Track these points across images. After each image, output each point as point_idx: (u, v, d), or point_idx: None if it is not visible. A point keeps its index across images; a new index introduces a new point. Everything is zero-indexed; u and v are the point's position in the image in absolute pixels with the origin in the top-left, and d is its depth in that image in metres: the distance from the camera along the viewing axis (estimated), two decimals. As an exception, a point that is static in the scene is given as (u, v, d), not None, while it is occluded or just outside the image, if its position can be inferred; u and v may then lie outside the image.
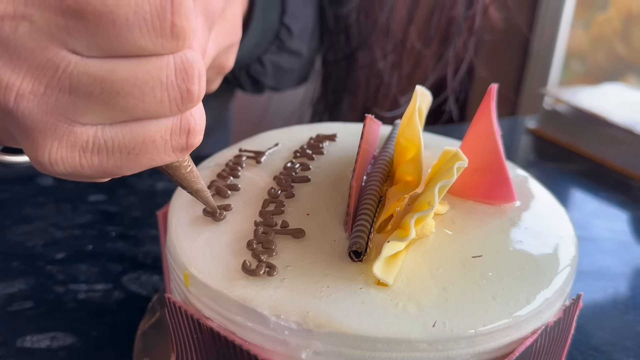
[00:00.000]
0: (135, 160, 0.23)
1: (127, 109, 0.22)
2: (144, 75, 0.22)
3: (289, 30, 0.53)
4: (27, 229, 0.45)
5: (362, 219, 0.26)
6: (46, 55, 0.21)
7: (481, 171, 0.30)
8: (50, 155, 0.22)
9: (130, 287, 0.39)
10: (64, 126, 0.22)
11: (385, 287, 0.24)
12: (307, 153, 0.34)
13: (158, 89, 0.22)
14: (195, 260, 0.25)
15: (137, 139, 0.23)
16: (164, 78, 0.22)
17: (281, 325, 0.22)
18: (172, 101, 0.22)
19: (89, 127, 0.22)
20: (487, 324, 0.23)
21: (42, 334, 0.35)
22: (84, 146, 0.22)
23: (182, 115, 0.23)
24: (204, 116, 0.25)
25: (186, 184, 0.27)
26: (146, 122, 0.23)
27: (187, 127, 0.24)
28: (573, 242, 0.29)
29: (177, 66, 0.22)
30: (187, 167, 0.26)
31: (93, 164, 0.23)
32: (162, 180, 0.54)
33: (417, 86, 0.30)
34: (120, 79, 0.21)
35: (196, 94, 0.23)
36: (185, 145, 0.24)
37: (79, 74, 0.21)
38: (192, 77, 0.22)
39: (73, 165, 0.23)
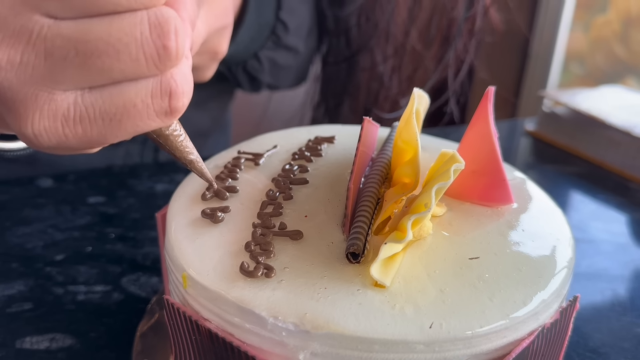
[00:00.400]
0: (119, 127, 0.23)
1: (104, 70, 0.22)
2: (117, 32, 0.21)
3: (285, 25, 0.53)
4: (26, 231, 0.45)
5: (360, 220, 0.27)
6: (19, 22, 0.21)
7: (478, 173, 0.30)
8: (34, 127, 0.22)
9: (129, 289, 0.39)
10: (43, 95, 0.22)
11: (382, 289, 0.24)
12: (305, 155, 0.34)
13: (133, 46, 0.21)
14: (193, 262, 0.26)
15: (118, 104, 0.22)
16: (139, 34, 0.21)
17: (279, 327, 0.23)
18: (149, 59, 0.22)
19: (68, 93, 0.22)
20: (483, 325, 0.23)
21: (42, 335, 0.35)
22: (65, 114, 0.22)
23: (162, 76, 0.23)
24: (187, 79, 0.24)
25: (179, 154, 0.26)
26: (125, 85, 0.22)
27: (168, 88, 0.23)
28: (570, 243, 0.29)
29: (152, 22, 0.22)
30: (178, 137, 0.26)
31: (77, 133, 0.23)
32: (161, 182, 0.54)
33: (415, 89, 0.30)
34: (94, 38, 0.21)
35: (173, 50, 0.22)
36: (169, 109, 0.23)
37: (53, 37, 0.21)
38: (168, 32, 0.22)
39: (57, 136, 0.22)
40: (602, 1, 1.51)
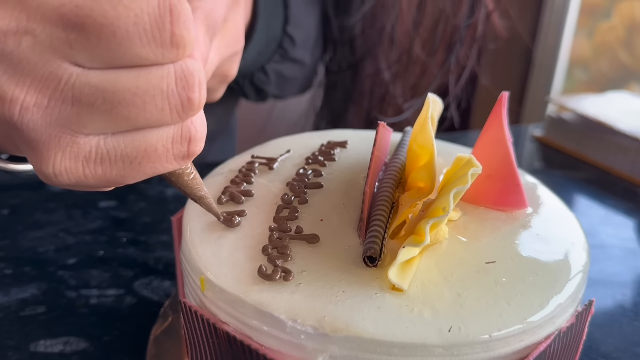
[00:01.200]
0: (138, 169, 0.24)
1: (129, 119, 0.22)
2: (145, 84, 0.22)
3: (292, 39, 0.54)
4: (38, 235, 0.45)
5: (376, 224, 0.27)
6: (49, 68, 0.21)
7: (493, 178, 0.31)
8: (55, 167, 0.22)
9: (142, 293, 0.39)
10: (67, 137, 0.22)
11: (400, 293, 0.24)
12: (318, 159, 0.34)
13: (159, 98, 0.22)
14: (211, 265, 0.26)
15: (139, 148, 0.23)
16: (165, 87, 0.22)
17: (297, 330, 0.23)
18: (173, 109, 0.23)
19: (91, 137, 0.22)
20: (501, 329, 0.23)
21: (55, 339, 0.35)
22: (87, 156, 0.23)
23: (183, 123, 0.24)
24: (204, 123, 0.25)
25: (189, 190, 0.27)
26: (148, 131, 0.23)
27: (188, 135, 0.24)
28: (584, 248, 0.29)
29: (178, 75, 0.22)
30: (189, 175, 0.27)
31: (97, 174, 0.23)
32: (171, 187, 0.54)
33: (429, 94, 0.30)
34: (121, 89, 0.22)
35: (197, 102, 0.23)
36: (187, 153, 0.24)
37: (81, 86, 0.21)
38: (193, 85, 0.23)
39: (77, 176, 0.23)
40: (606, 7, 1.51)
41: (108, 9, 0.20)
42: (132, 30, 0.21)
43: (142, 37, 0.21)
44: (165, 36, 0.21)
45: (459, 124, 0.61)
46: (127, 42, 0.21)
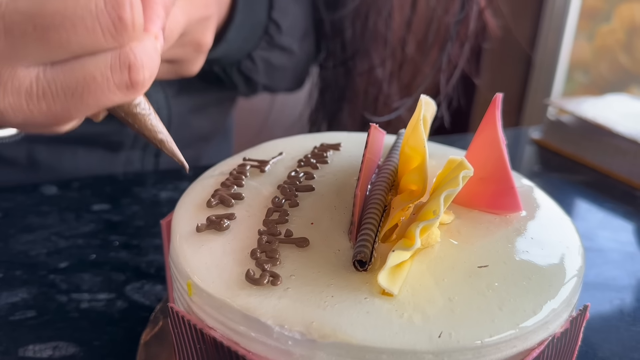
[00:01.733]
0: (81, 101, 0.23)
1: (62, 43, 0.22)
2: (72, 5, 0.22)
3: (278, 25, 0.53)
4: (30, 238, 0.45)
5: (367, 228, 0.26)
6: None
7: (486, 180, 0.30)
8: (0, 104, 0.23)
9: (133, 297, 0.39)
10: (6, 72, 0.22)
11: (390, 297, 0.24)
12: (311, 162, 0.34)
13: (88, 18, 0.22)
14: (198, 269, 0.25)
15: (78, 78, 0.23)
16: (93, 7, 0.22)
17: (285, 336, 0.22)
18: (105, 30, 0.22)
19: (30, 69, 0.23)
20: (493, 334, 0.23)
21: (45, 344, 0.34)
22: (28, 90, 0.23)
23: (121, 49, 0.23)
24: (151, 55, 0.24)
25: (148, 133, 0.26)
26: (85, 59, 0.23)
27: (127, 61, 0.23)
28: (579, 252, 0.29)
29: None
30: (146, 115, 0.26)
31: (42, 109, 0.23)
32: (165, 190, 0.54)
33: (422, 95, 0.30)
34: (50, 12, 0.22)
35: (129, 21, 0.23)
36: (129, 82, 0.24)
37: (11, 14, 0.22)
38: (123, 4, 0.22)
39: (22, 112, 0.23)
40: (606, 10, 1.51)
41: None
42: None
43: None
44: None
45: (449, 124, 0.61)
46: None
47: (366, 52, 0.59)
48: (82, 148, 0.58)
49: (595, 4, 1.54)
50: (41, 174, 0.57)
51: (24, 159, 0.56)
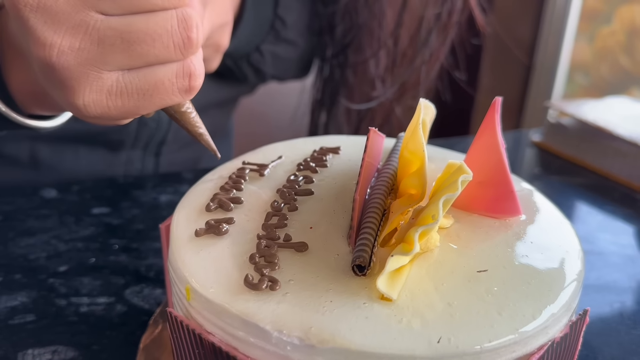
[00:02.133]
0: (150, 100, 0.28)
1: (142, 55, 0.27)
2: (154, 25, 0.27)
3: (283, 21, 0.57)
4: (30, 242, 0.45)
5: (366, 232, 0.26)
6: (80, 17, 0.26)
7: (486, 184, 0.30)
8: (84, 99, 0.28)
9: (132, 301, 0.39)
10: (93, 74, 0.27)
11: (389, 302, 0.24)
12: (310, 166, 0.34)
13: (165, 36, 0.27)
14: (197, 274, 0.25)
15: (150, 82, 0.28)
16: (169, 27, 0.27)
17: (283, 341, 0.22)
18: (177, 46, 0.28)
19: (112, 73, 0.28)
20: (492, 339, 0.23)
21: (44, 348, 0.34)
22: (109, 90, 0.28)
23: (185, 61, 0.29)
24: (202, 64, 0.30)
25: (191, 128, 0.32)
26: (156, 67, 0.28)
27: (189, 71, 0.29)
28: (579, 256, 0.28)
29: (179, 18, 0.28)
30: (191, 113, 0.31)
31: (117, 105, 0.28)
32: (165, 193, 0.54)
33: (421, 99, 0.30)
34: (136, 30, 0.27)
35: (195, 40, 0.28)
36: (189, 87, 0.29)
37: (105, 29, 0.27)
38: (191, 26, 0.28)
39: (102, 107, 0.28)
40: (606, 12, 1.51)
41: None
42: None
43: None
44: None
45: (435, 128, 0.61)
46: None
47: (359, 46, 0.61)
48: (84, 147, 0.58)
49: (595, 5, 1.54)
50: (43, 172, 0.57)
51: (26, 157, 0.56)
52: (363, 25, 0.60)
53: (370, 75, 0.63)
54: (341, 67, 0.64)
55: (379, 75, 0.62)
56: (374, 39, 0.60)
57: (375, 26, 0.60)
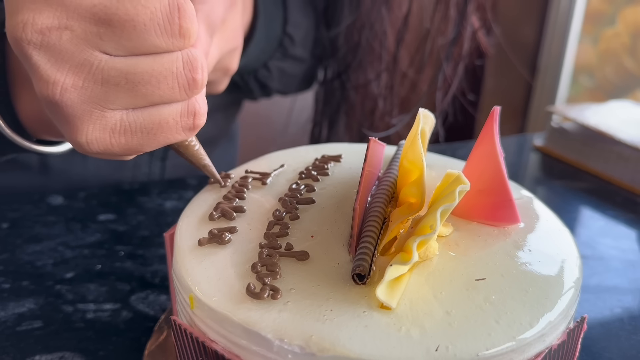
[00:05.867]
0: (154, 138, 0.29)
1: (147, 95, 0.27)
2: (159, 67, 0.27)
3: (292, 38, 0.58)
4: (37, 248, 0.46)
5: (366, 241, 0.27)
6: (83, 56, 0.26)
7: (485, 193, 0.30)
8: (87, 136, 0.27)
9: (138, 307, 0.39)
10: (97, 112, 0.27)
11: (388, 311, 0.24)
12: (312, 174, 0.35)
13: (170, 78, 0.27)
14: (200, 283, 0.26)
15: (155, 121, 0.28)
16: (175, 69, 0.27)
17: (285, 349, 0.23)
18: (182, 88, 0.28)
19: (117, 112, 0.27)
20: (490, 347, 0.23)
21: (51, 354, 0.35)
22: (113, 128, 0.28)
23: (189, 100, 0.29)
24: (206, 102, 0.30)
25: (195, 160, 0.32)
26: (161, 107, 0.28)
27: (193, 110, 0.29)
28: (577, 263, 0.29)
29: (185, 60, 0.28)
30: (194, 146, 0.32)
31: (120, 143, 0.28)
32: (170, 199, 0.55)
33: (420, 109, 0.30)
34: (141, 71, 0.27)
35: (200, 82, 0.28)
36: (193, 125, 0.29)
37: (109, 69, 0.26)
38: (197, 68, 0.28)
39: (105, 144, 0.28)
40: (610, 14, 1.51)
41: (130, 8, 0.26)
42: (149, 24, 0.26)
43: (157, 29, 0.26)
44: (175, 28, 0.27)
45: (443, 138, 0.62)
46: (145, 33, 0.26)
47: (361, 66, 0.62)
48: None
49: (599, 7, 1.54)
50: (52, 177, 0.58)
51: (36, 163, 0.57)
52: (365, 45, 0.60)
53: (372, 93, 0.64)
54: (343, 85, 0.65)
55: (381, 93, 0.63)
56: (375, 58, 0.61)
57: (377, 45, 0.60)
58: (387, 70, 0.62)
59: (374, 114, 0.65)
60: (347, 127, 0.67)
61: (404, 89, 0.64)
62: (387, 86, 0.63)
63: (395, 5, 0.59)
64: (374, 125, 0.65)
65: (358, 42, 0.61)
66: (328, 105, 0.68)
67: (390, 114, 0.64)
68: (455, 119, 0.65)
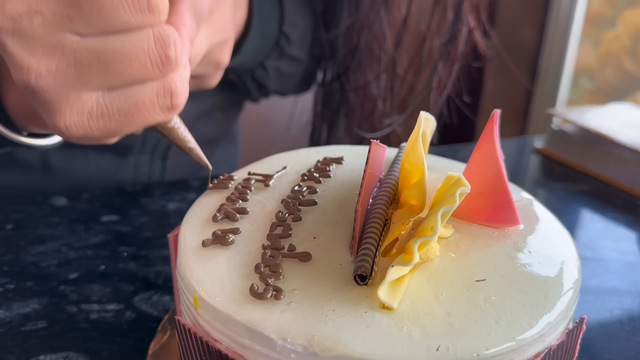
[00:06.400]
0: (132, 120, 0.29)
1: (120, 74, 0.27)
2: (130, 45, 0.27)
3: (288, 38, 0.58)
4: (41, 249, 0.46)
5: (368, 242, 0.27)
6: (55, 39, 0.26)
7: (485, 195, 0.31)
8: (66, 121, 0.28)
9: (141, 307, 0.40)
10: (73, 95, 0.27)
11: (389, 311, 0.24)
12: (314, 176, 0.35)
13: (142, 55, 0.27)
14: (204, 284, 0.26)
15: (131, 101, 0.28)
16: (146, 46, 0.27)
17: (287, 349, 0.23)
18: (155, 65, 0.28)
19: (92, 94, 0.27)
20: (490, 347, 0.23)
21: (56, 354, 0.35)
22: (90, 111, 0.28)
23: (165, 79, 0.29)
24: (185, 83, 0.30)
25: (179, 143, 0.32)
26: (137, 87, 0.28)
27: (170, 89, 0.29)
28: (576, 265, 0.29)
29: (156, 36, 0.28)
30: (178, 129, 0.32)
31: (99, 126, 0.28)
32: (173, 201, 0.55)
33: (422, 112, 0.30)
34: (112, 50, 0.27)
35: (173, 58, 0.28)
36: (171, 105, 0.29)
37: (80, 50, 0.27)
38: (169, 44, 0.28)
39: (83, 128, 0.28)
40: (611, 16, 1.52)
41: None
42: (116, 1, 0.26)
43: (124, 5, 0.26)
44: (143, 3, 0.27)
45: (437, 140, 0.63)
46: (113, 10, 0.26)
47: (360, 68, 0.62)
48: (93, 151, 0.59)
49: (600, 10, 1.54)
50: (54, 176, 0.58)
51: (38, 162, 0.58)
52: (364, 47, 0.61)
53: (372, 95, 0.64)
54: (342, 87, 0.65)
55: (380, 94, 0.64)
56: (374, 60, 0.62)
57: (376, 47, 0.61)
58: (386, 72, 0.63)
59: (373, 115, 0.65)
60: (347, 128, 0.67)
61: (403, 91, 0.64)
62: (387, 87, 0.64)
63: (394, 7, 0.60)
64: (374, 126, 0.66)
65: (357, 44, 0.61)
66: (327, 107, 0.68)
67: (389, 115, 0.65)
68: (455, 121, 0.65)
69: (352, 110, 0.66)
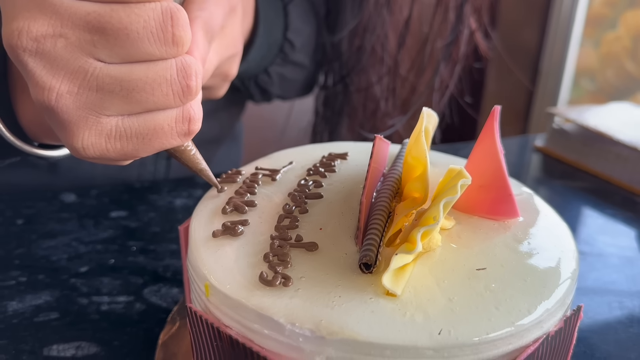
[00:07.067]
0: (149, 144, 0.29)
1: (141, 102, 0.28)
2: (153, 75, 0.27)
3: (292, 44, 0.59)
4: (51, 244, 0.47)
5: (372, 233, 0.28)
6: (78, 63, 0.27)
7: (485, 188, 0.32)
8: (83, 142, 0.28)
9: (150, 299, 0.41)
10: (93, 118, 0.27)
11: (393, 297, 0.25)
12: (319, 171, 0.36)
13: (164, 85, 0.28)
14: (215, 272, 0.27)
15: (150, 127, 0.28)
16: (169, 76, 0.28)
17: (296, 333, 0.24)
18: (176, 94, 0.28)
19: (112, 118, 0.28)
20: (490, 332, 0.24)
21: (68, 344, 0.36)
22: (108, 134, 0.28)
23: (184, 106, 0.29)
24: (201, 108, 0.31)
25: (191, 164, 0.33)
26: (156, 113, 0.29)
27: (188, 116, 0.29)
28: (574, 256, 0.30)
29: (178, 67, 0.28)
30: (191, 151, 0.32)
31: (116, 148, 0.28)
32: (180, 197, 0.56)
33: (424, 108, 0.31)
34: (135, 78, 0.27)
35: (194, 88, 0.29)
36: (188, 131, 0.30)
37: (103, 76, 0.27)
38: (190, 75, 0.28)
39: (100, 149, 0.28)
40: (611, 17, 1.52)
41: (123, 16, 0.26)
42: (142, 32, 0.26)
43: (150, 37, 0.27)
44: (168, 36, 0.27)
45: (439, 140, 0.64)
46: (138, 41, 0.27)
47: (363, 70, 0.63)
48: None
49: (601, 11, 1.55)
50: (60, 175, 0.59)
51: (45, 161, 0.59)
52: (367, 49, 0.62)
53: (374, 95, 0.65)
54: (346, 88, 0.66)
55: (383, 95, 0.65)
56: (377, 61, 0.63)
57: (379, 49, 0.62)
58: (389, 73, 0.64)
59: (375, 115, 0.66)
60: (349, 128, 0.68)
61: (405, 91, 0.65)
62: (389, 88, 0.65)
63: (396, 10, 0.61)
64: (376, 126, 0.67)
65: (360, 46, 0.62)
66: (330, 108, 0.69)
67: (391, 116, 0.66)
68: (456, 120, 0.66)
69: (354, 111, 0.67)
